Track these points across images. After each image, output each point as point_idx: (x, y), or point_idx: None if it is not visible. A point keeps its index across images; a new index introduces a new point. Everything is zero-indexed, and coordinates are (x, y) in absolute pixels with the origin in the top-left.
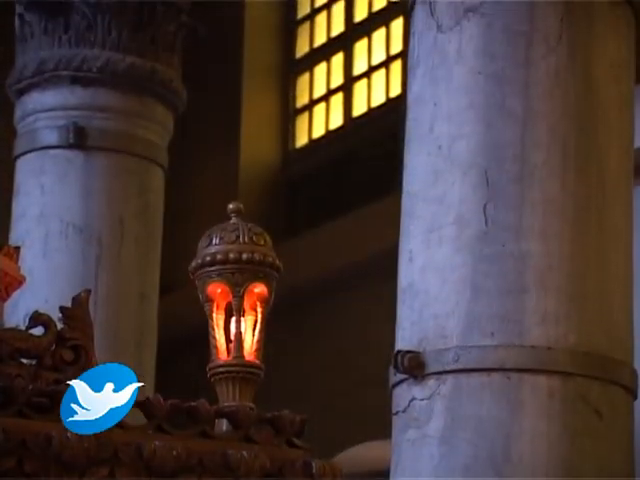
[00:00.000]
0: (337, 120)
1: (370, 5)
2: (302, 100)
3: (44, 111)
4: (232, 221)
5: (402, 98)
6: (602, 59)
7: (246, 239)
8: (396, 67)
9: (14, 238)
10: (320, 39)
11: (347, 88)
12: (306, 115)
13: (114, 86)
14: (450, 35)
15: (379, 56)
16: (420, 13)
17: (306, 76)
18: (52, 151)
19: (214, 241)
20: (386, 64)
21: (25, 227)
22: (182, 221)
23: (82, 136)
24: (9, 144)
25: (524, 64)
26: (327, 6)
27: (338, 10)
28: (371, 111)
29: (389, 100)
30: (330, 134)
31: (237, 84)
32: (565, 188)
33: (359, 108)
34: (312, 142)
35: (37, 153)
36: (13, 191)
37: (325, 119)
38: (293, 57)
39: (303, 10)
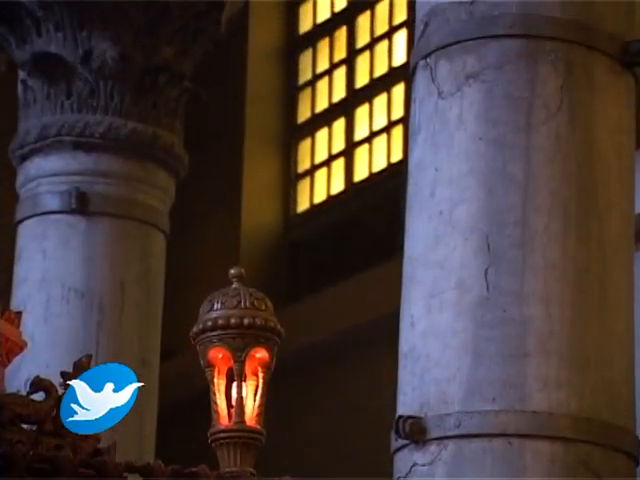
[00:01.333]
0: (338, 185)
1: (371, 71)
2: (303, 165)
3: (46, 176)
4: (234, 286)
5: (403, 163)
6: (603, 125)
7: (247, 304)
8: (397, 132)
9: (16, 303)
10: (321, 105)
11: (348, 153)
12: (307, 180)
13: (116, 151)
14: (451, 101)
15: (380, 121)
16: (421, 79)
17: (307, 141)
18: (54, 216)
19: (215, 306)
20: (387, 129)
21: (27, 292)
22: (183, 286)
23: (84, 201)
24: (11, 209)
25: (525, 130)
26: (328, 72)
27: (339, 76)
28: (372, 176)
29: (390, 165)
30: (331, 199)
31: (238, 149)
32: (566, 253)
33: (360, 173)
34: (313, 207)
35: (39, 218)
36: (15, 256)
37: (326, 184)
38: (294, 122)
39: (304, 76)
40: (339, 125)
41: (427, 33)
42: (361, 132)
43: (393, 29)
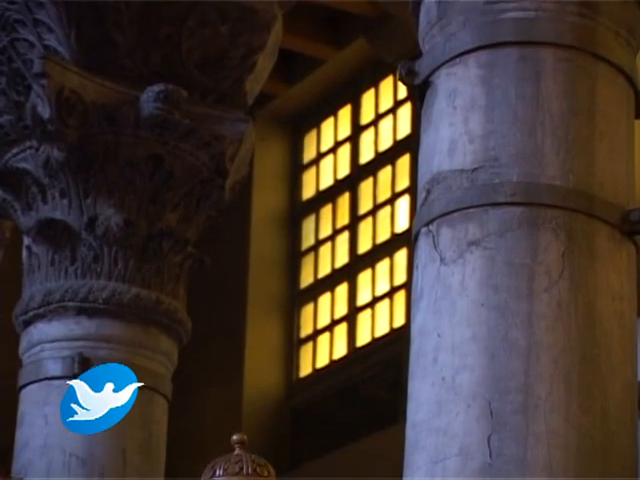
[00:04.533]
0: (341, 350)
1: (374, 237)
2: (306, 330)
3: (49, 342)
4: (236, 452)
5: (406, 328)
6: (604, 293)
7: (250, 471)
8: (400, 298)
9: (17, 469)
10: (324, 270)
11: (351, 318)
12: (310, 345)
13: (120, 317)
14: (453, 267)
15: (383, 287)
16: (423, 246)
17: (310, 306)
18: (56, 382)
19: (218, 472)
20: (390, 295)
21: (28, 458)
22: (185, 451)
23: (87, 366)
24: (14, 374)
25: (527, 297)
26: (331, 238)
27: (342, 242)
28: (375, 341)
29: (393, 330)
30: (334, 364)
31: (241, 313)
32: (569, 420)
33: (363, 338)
34: (316, 372)
35: (41, 384)
36: (17, 422)
37: (329, 349)
38: (297, 287)
39: (307, 242)
40: (342, 290)
41: (429, 200)
42: (364, 297)
43: (395, 195)
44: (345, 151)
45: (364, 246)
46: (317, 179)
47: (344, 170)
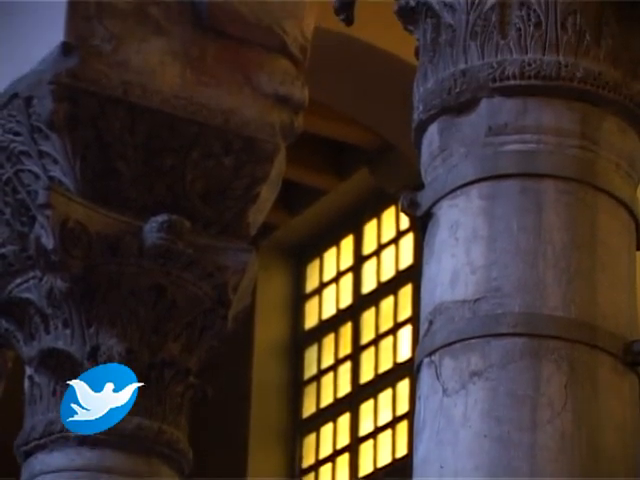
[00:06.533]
0: None
1: (376, 366)
2: (308, 460)
3: (50, 472)
4: None
5: (408, 458)
6: (607, 424)
7: None
8: (402, 428)
9: None
10: (326, 399)
11: (353, 448)
12: (312, 476)
13: (121, 447)
14: (456, 398)
15: (385, 416)
16: (426, 377)
17: (312, 436)
18: None
19: None
20: (392, 425)
21: None
22: None
23: None
24: None
25: (529, 428)
26: (333, 368)
27: (344, 371)
28: (377, 471)
29: (395, 460)
30: None
31: (243, 445)
32: None
33: (365, 468)
34: None
35: None
36: None
37: (331, 479)
38: (300, 417)
39: (310, 371)
40: (344, 420)
41: (431, 331)
42: (366, 427)
43: (398, 325)
44: (347, 281)
45: (366, 376)
46: (320, 308)
47: (346, 300)
